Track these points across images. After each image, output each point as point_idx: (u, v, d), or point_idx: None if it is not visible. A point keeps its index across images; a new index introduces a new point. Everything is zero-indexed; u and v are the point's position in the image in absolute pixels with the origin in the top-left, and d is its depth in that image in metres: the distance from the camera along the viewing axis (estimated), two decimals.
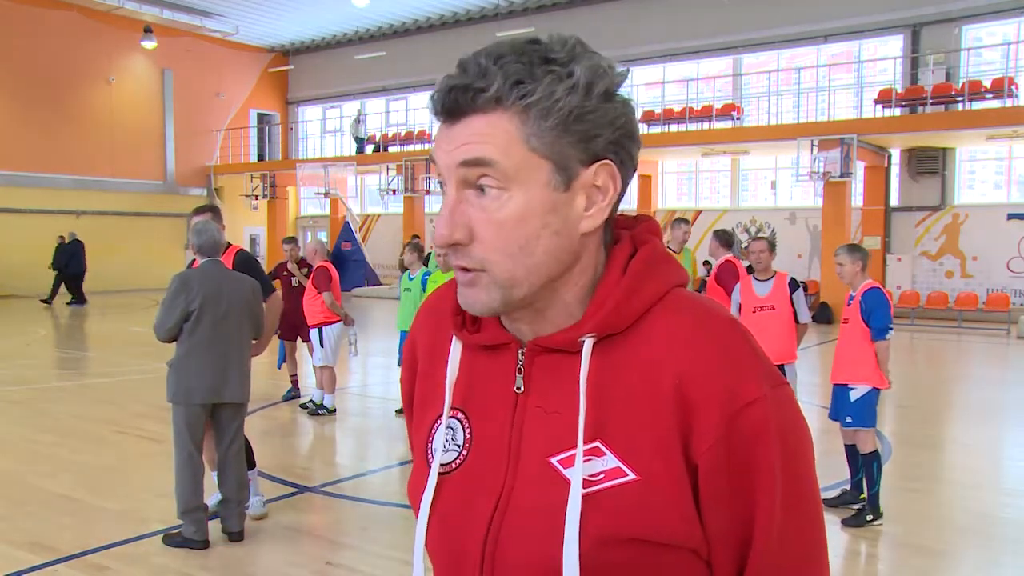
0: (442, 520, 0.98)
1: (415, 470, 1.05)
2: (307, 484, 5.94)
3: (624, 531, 0.88)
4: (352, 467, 6.82)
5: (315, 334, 8.19)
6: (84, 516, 5.14)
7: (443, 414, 1.01)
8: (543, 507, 0.91)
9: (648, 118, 20.83)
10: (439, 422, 1.02)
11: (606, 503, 0.89)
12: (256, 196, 25.91)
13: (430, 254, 9.92)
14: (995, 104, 16.97)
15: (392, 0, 24.00)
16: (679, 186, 22.44)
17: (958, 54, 18.38)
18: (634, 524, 0.88)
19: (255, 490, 5.12)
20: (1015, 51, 17.62)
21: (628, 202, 1.03)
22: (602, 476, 0.89)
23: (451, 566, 0.98)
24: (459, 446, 0.99)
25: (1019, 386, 10.73)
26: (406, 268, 8.13)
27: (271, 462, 6.34)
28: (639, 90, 20.96)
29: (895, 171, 19.06)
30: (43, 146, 23.36)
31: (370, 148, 26.10)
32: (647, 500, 0.88)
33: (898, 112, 18.34)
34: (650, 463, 0.89)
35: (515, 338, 0.98)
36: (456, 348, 1.02)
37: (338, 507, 5.59)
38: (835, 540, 4.78)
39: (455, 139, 0.90)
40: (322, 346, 8.15)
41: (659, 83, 21.46)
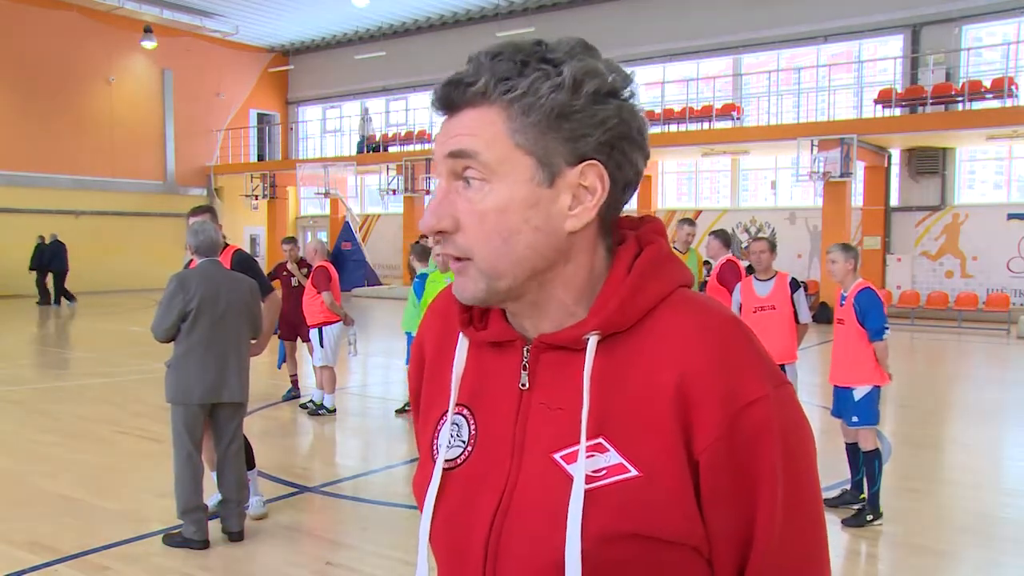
0: (446, 515, 0.99)
1: (420, 466, 1.06)
2: (307, 484, 5.94)
3: (626, 527, 0.88)
4: (352, 467, 6.82)
5: (315, 334, 8.19)
6: (84, 516, 5.14)
7: (449, 410, 1.02)
8: (546, 503, 0.92)
9: (648, 118, 20.48)
10: (444, 418, 1.03)
11: (608, 499, 0.89)
12: (256, 196, 25.90)
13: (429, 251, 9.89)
14: (995, 104, 16.97)
15: (392, 0, 24.00)
16: (679, 186, 22.43)
17: (958, 54, 18.37)
18: (636, 520, 0.88)
19: (254, 490, 5.12)
20: (1015, 51, 17.62)
21: (628, 202, 1.03)
22: (604, 472, 0.90)
23: (455, 561, 0.99)
24: (464, 442, 1.00)
25: (1019, 386, 10.72)
26: (415, 272, 8.11)
27: (271, 462, 6.34)
28: (639, 90, 20.90)
29: (895, 171, 19.06)
30: (43, 146, 23.36)
31: (368, 148, 26.08)
32: (649, 496, 0.89)
33: (898, 112, 18.34)
34: (653, 460, 0.89)
35: (520, 335, 0.99)
36: (463, 344, 1.03)
37: (338, 507, 5.59)
38: (835, 540, 4.77)
39: (448, 131, 0.94)
40: (322, 346, 8.15)
41: (659, 83, 21.45)
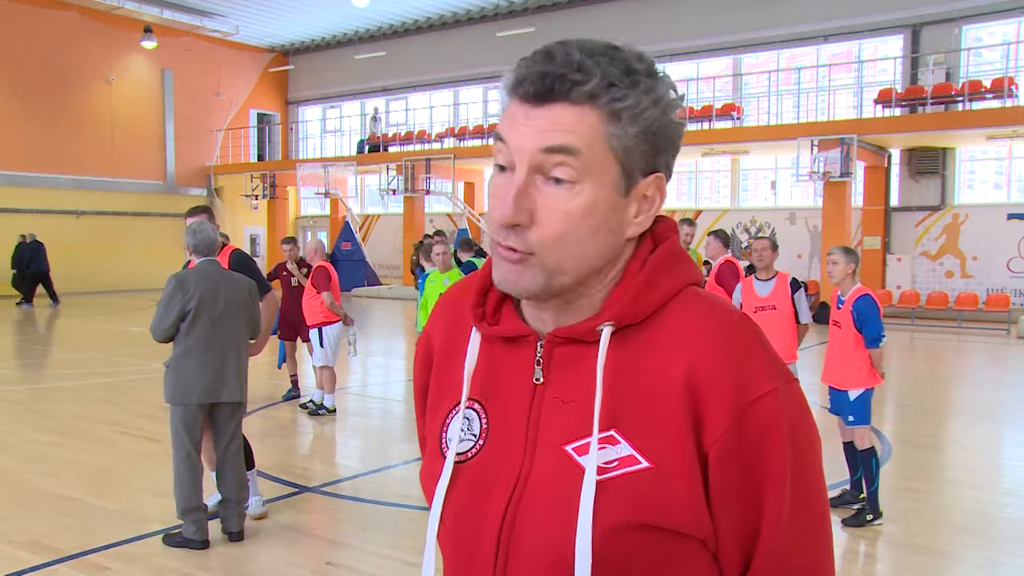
0: (457, 508, 0.99)
1: (428, 461, 1.07)
2: (307, 484, 5.94)
3: (636, 518, 0.90)
4: (352, 467, 6.82)
5: (315, 334, 8.18)
6: (84, 516, 5.14)
7: (460, 404, 1.02)
8: (558, 494, 0.93)
9: None
10: (454, 412, 1.04)
11: (619, 490, 0.90)
12: (256, 196, 25.90)
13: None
14: (995, 104, 16.96)
15: (392, 0, 24.00)
16: (679, 186, 22.42)
17: (958, 54, 18.37)
18: (646, 511, 0.90)
19: (254, 490, 5.12)
20: (1015, 51, 17.62)
21: None
22: (616, 464, 0.91)
23: (465, 554, 0.99)
24: (475, 436, 1.01)
25: (1019, 386, 10.72)
26: (424, 270, 8.10)
27: (271, 462, 6.34)
28: None
29: (895, 171, 19.06)
30: (43, 146, 23.35)
31: (367, 148, 26.07)
32: (659, 488, 0.90)
33: (898, 112, 18.34)
34: (663, 452, 0.91)
35: (534, 330, 1.00)
36: (475, 339, 1.03)
37: (338, 507, 5.59)
38: (835, 540, 4.75)
39: (538, 124, 0.91)
40: (322, 346, 8.15)
41: None
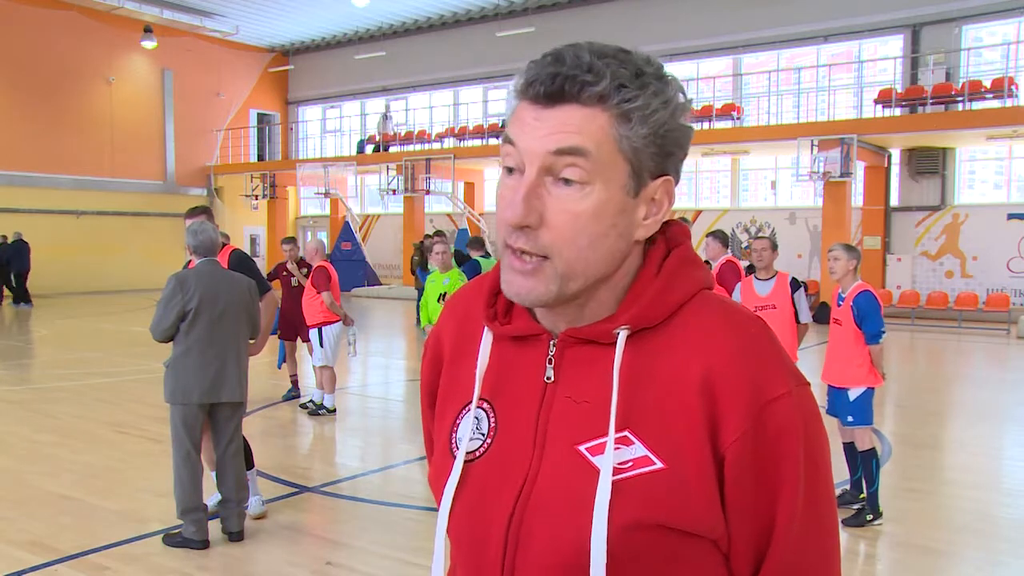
0: (465, 506, 1.00)
1: (436, 460, 1.07)
2: (307, 484, 5.93)
3: (650, 518, 0.90)
4: (352, 467, 6.82)
5: (314, 334, 8.18)
6: (84, 516, 5.14)
7: (471, 403, 1.03)
8: (569, 493, 0.93)
9: None
10: (464, 412, 1.04)
11: (633, 490, 0.91)
12: (256, 196, 25.91)
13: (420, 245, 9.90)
14: (995, 104, 16.96)
15: (392, 0, 24.00)
16: (679, 186, 22.42)
17: (958, 54, 18.37)
18: (660, 511, 0.90)
19: (254, 490, 5.12)
20: (1015, 51, 17.62)
21: None
22: (630, 464, 0.92)
23: (473, 550, 1.00)
24: (483, 435, 1.01)
25: (1019, 386, 10.72)
26: (426, 270, 8.11)
27: (271, 462, 6.34)
28: None
29: (895, 171, 19.06)
30: (43, 146, 23.36)
31: (370, 148, 26.07)
32: (674, 489, 0.91)
33: (898, 112, 18.34)
34: (678, 453, 0.91)
35: (546, 329, 1.00)
36: (487, 339, 1.03)
37: (338, 507, 5.59)
38: None
39: (548, 125, 0.91)
40: (322, 346, 8.15)
41: None
